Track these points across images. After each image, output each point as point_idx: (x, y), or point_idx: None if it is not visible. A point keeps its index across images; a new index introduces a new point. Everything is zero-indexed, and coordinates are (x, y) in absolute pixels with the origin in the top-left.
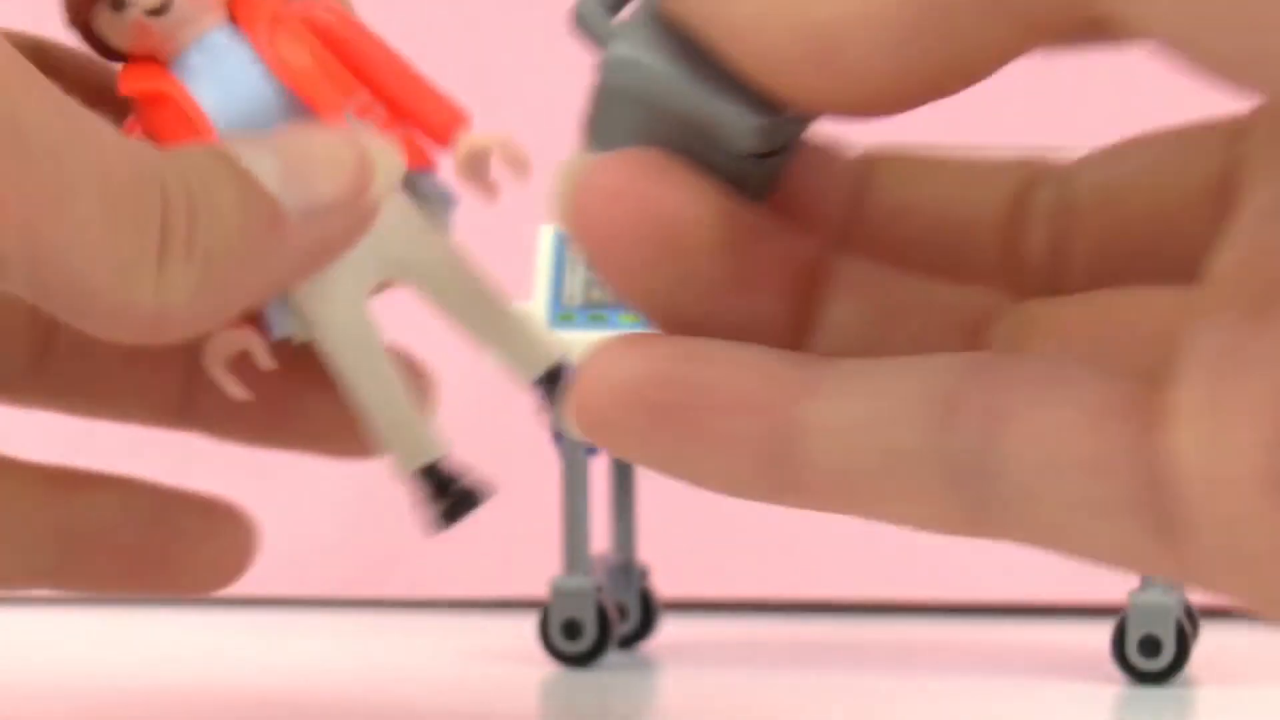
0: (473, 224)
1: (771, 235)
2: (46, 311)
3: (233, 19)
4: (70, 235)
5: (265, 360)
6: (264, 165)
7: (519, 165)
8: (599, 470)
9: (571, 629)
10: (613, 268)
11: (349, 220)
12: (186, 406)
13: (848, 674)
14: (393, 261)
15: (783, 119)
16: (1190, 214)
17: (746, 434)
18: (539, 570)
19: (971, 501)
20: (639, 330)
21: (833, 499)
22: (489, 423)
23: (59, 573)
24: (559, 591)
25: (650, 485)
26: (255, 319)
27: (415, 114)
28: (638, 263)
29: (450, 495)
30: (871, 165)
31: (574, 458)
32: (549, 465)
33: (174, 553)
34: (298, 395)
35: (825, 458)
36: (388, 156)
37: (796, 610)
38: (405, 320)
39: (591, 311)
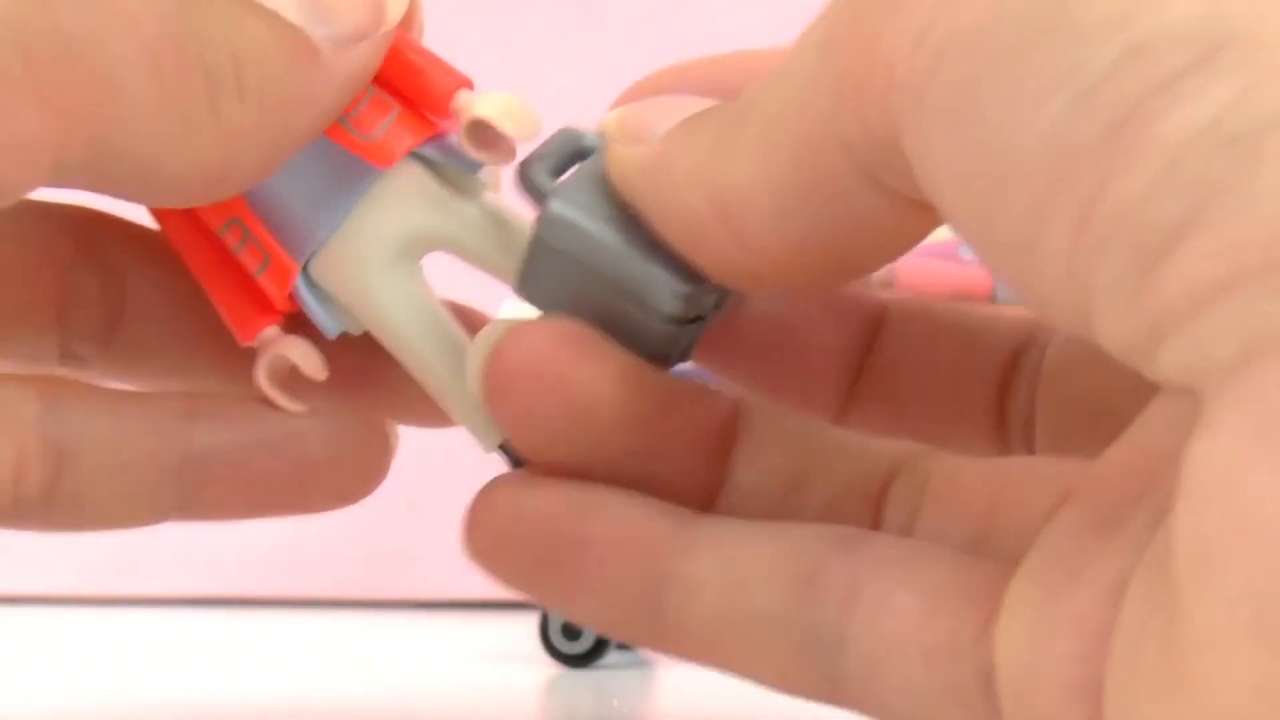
0: None
1: (684, 403)
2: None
3: None
4: (128, 122)
5: (318, 371)
6: (283, 3)
7: (526, 128)
8: None
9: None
10: (524, 438)
11: (374, 47)
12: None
13: None
14: (420, 234)
15: (706, 287)
16: (1125, 397)
17: (624, 585)
18: None
19: (825, 673)
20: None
21: (699, 654)
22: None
23: (184, 508)
24: None
25: None
26: (302, 322)
27: (408, 93)
28: (548, 436)
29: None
30: (885, 314)
31: None
32: None
33: (305, 475)
34: (369, 376)
35: (692, 616)
36: None
37: None
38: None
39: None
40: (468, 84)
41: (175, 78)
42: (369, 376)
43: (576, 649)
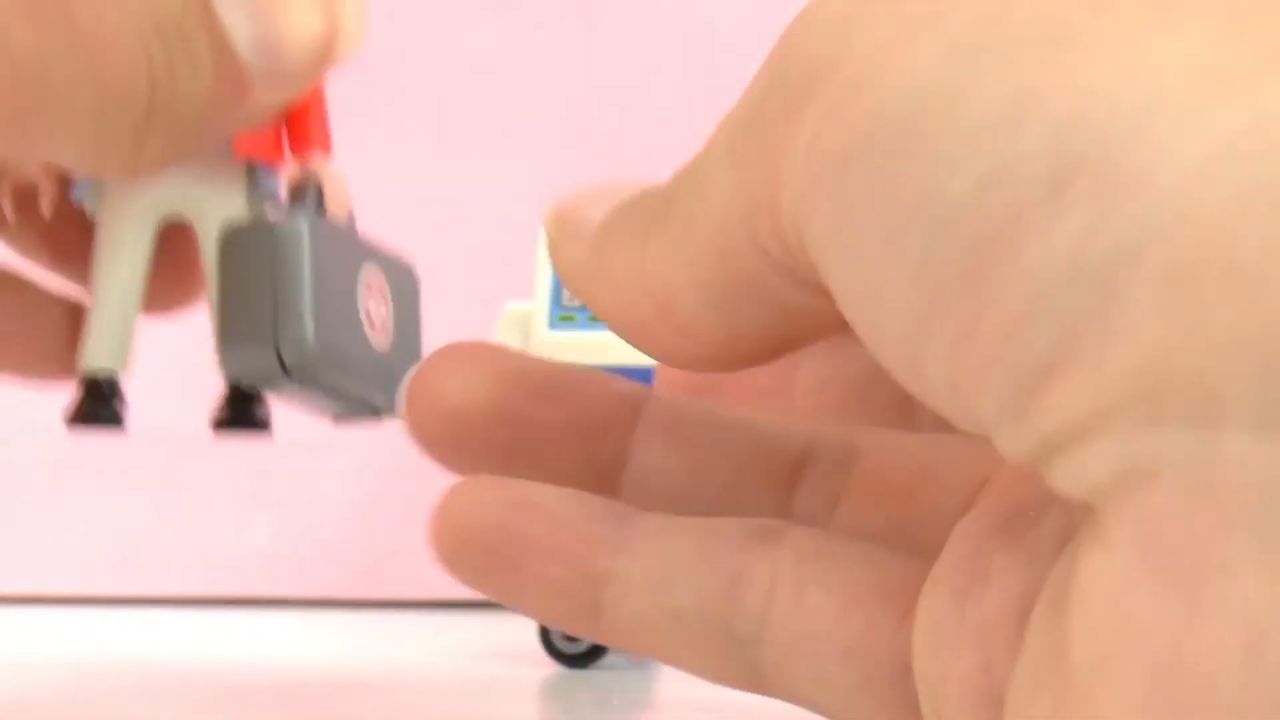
0: (473, 224)
1: (565, 394)
2: None
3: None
4: (60, 136)
5: (45, 208)
6: (241, 32)
7: (341, 210)
8: None
9: None
10: (432, 454)
11: (305, 84)
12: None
13: None
14: (182, 201)
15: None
16: None
17: (562, 581)
18: None
19: (746, 666)
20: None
21: (635, 647)
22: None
23: None
24: None
25: None
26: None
27: (290, 119)
28: (440, 446)
29: (94, 407)
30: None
31: None
32: None
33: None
34: (60, 254)
35: (624, 612)
36: (355, 11)
37: None
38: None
39: (592, 312)
40: (328, 148)
41: (116, 111)
42: (79, 254)
43: (576, 649)
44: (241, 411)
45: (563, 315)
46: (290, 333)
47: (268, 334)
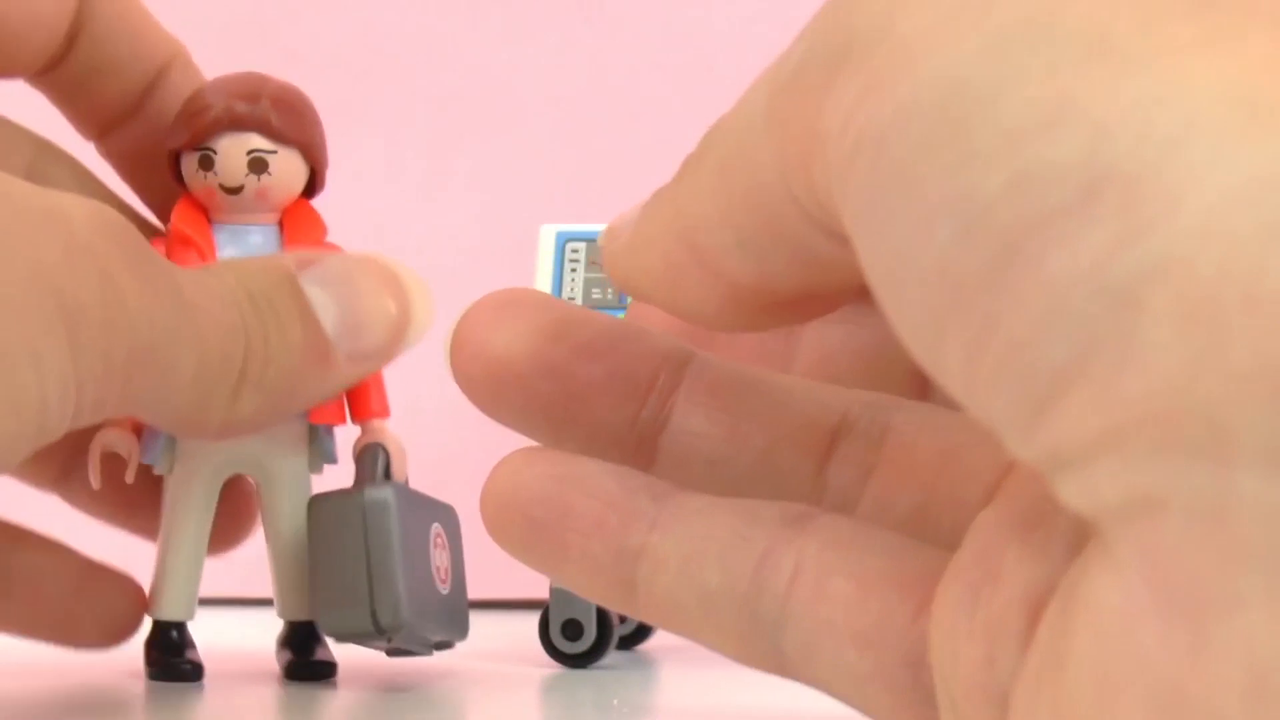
0: (473, 225)
1: (609, 350)
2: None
3: (281, 224)
4: (164, 391)
5: (130, 475)
6: (327, 313)
7: (400, 469)
8: None
9: (571, 629)
10: (477, 403)
11: (383, 362)
12: (62, 479)
13: None
14: (250, 461)
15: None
16: None
17: (599, 556)
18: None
19: (772, 649)
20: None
21: (666, 624)
22: (489, 424)
23: None
24: (559, 591)
25: None
26: (139, 432)
27: (350, 388)
28: (484, 397)
29: (165, 659)
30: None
31: None
32: None
33: (82, 611)
34: (130, 511)
35: (657, 589)
36: (424, 304)
37: None
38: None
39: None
40: (387, 414)
41: (215, 372)
42: (142, 512)
43: (576, 649)
44: (307, 659)
45: None
46: (385, 598)
47: (363, 598)
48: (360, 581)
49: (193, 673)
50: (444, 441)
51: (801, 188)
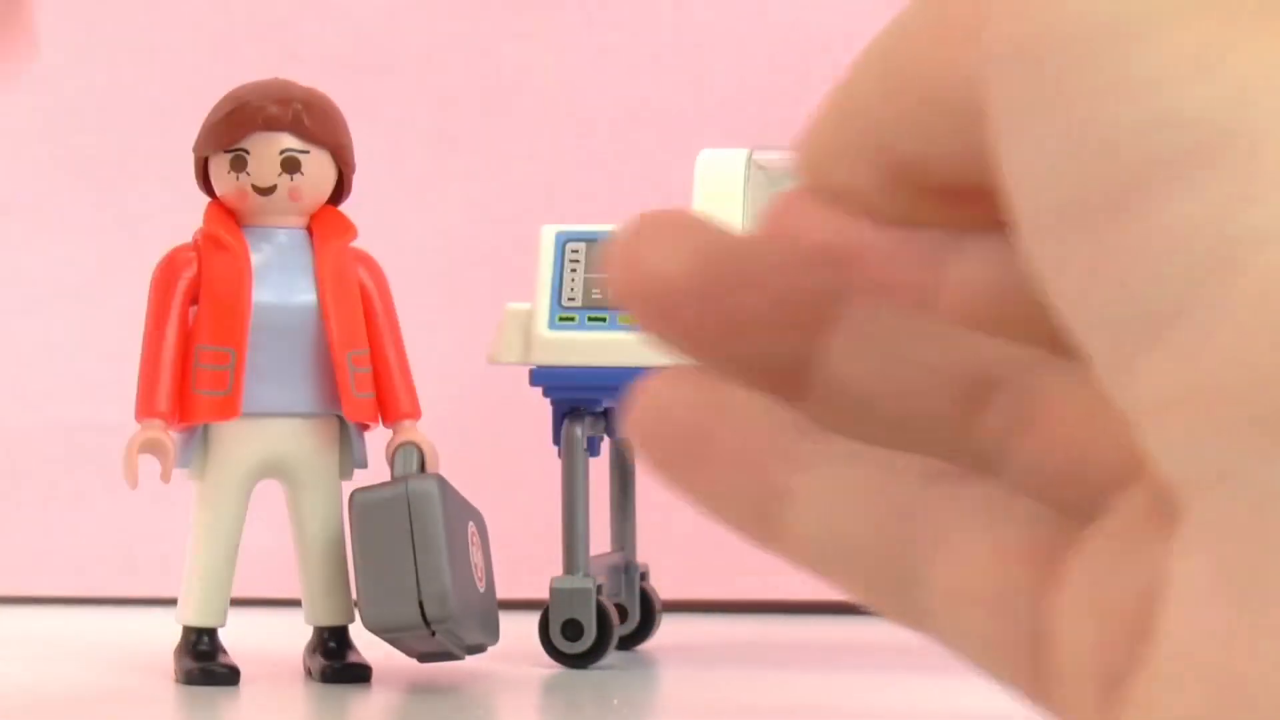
0: (473, 226)
1: (767, 279)
2: None
3: (310, 228)
4: None
5: (167, 472)
6: None
7: (432, 468)
8: (599, 471)
9: (571, 629)
10: (633, 318)
11: None
12: None
13: (848, 674)
14: (281, 466)
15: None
16: None
17: (742, 490)
18: (539, 570)
19: (911, 604)
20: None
21: (805, 565)
22: (489, 424)
23: None
24: (559, 591)
25: (650, 486)
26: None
27: (382, 389)
28: (638, 313)
29: (199, 665)
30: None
31: (574, 459)
32: (549, 466)
33: None
34: None
35: (794, 532)
36: None
37: (796, 610)
38: (413, 321)
39: (591, 312)
40: (418, 415)
41: None
42: None
43: (576, 649)
44: (342, 662)
45: (562, 315)
46: (432, 589)
47: (410, 590)
48: (407, 573)
49: (230, 676)
50: (444, 444)
51: (959, 72)
